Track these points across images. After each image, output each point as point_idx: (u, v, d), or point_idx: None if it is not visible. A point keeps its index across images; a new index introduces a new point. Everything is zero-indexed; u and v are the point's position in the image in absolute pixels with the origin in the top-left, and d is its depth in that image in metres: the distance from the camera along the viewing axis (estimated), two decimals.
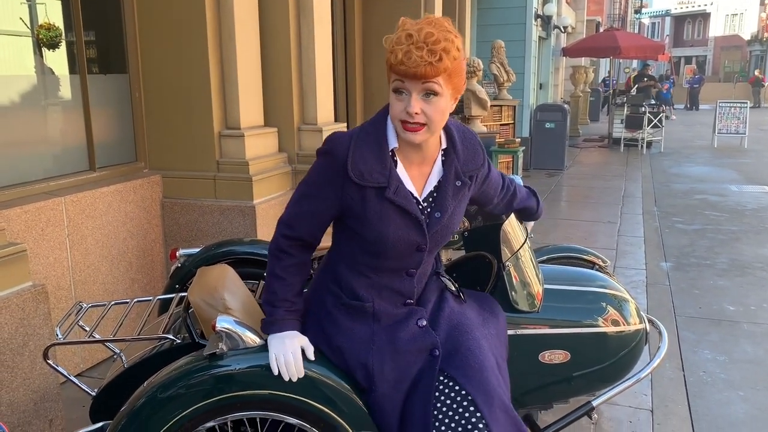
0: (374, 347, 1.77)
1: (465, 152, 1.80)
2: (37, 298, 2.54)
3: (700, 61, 53.26)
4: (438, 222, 1.75)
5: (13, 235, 3.06)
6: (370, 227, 1.69)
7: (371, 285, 1.79)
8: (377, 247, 1.72)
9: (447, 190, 1.76)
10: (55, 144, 3.64)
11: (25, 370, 2.50)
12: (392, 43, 1.58)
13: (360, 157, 1.67)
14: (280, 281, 1.80)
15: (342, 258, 1.83)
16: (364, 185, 1.67)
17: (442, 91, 1.59)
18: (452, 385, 1.74)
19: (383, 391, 1.76)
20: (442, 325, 1.84)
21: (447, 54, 1.55)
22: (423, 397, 1.73)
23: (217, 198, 4.04)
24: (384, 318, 1.80)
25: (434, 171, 1.77)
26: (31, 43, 3.49)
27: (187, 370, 1.78)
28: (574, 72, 18.29)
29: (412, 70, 1.54)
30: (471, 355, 1.78)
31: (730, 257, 6.02)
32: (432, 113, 1.60)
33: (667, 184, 10.04)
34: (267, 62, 4.34)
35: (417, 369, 1.78)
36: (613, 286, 2.40)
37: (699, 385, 3.56)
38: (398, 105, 1.61)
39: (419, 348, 1.79)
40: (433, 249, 1.81)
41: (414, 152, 1.72)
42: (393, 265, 1.78)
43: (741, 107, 14.67)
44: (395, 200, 1.68)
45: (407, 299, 1.84)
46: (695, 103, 29.01)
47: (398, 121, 1.63)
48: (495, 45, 9.50)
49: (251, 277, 2.87)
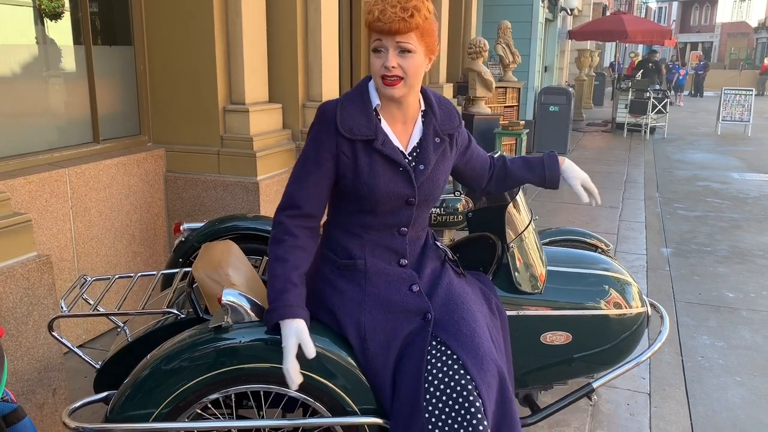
0: (366, 307, 1.82)
1: (442, 114, 1.95)
2: (42, 269, 2.54)
3: (706, 47, 52.85)
4: (422, 173, 1.86)
5: (17, 206, 3.06)
6: (362, 181, 1.80)
7: (364, 244, 1.87)
8: (370, 201, 1.81)
9: (428, 145, 1.89)
10: (59, 115, 3.63)
11: (29, 340, 2.51)
12: (370, 5, 1.75)
13: (348, 115, 1.81)
14: (283, 263, 1.77)
15: (335, 222, 1.92)
16: (354, 139, 1.80)
17: (416, 48, 1.74)
18: (444, 349, 1.79)
19: (374, 350, 1.80)
20: (439, 293, 1.90)
21: (418, 12, 1.71)
22: (415, 357, 1.77)
23: (221, 173, 4.03)
24: (376, 277, 1.85)
25: (416, 129, 1.90)
26: (34, 13, 3.46)
27: (192, 343, 1.79)
28: (579, 55, 18.16)
29: (387, 25, 1.70)
30: (464, 323, 1.83)
31: (730, 244, 6.03)
32: (407, 67, 1.74)
33: (669, 170, 10.02)
34: (273, 38, 4.30)
35: (408, 330, 1.82)
36: (616, 269, 2.41)
37: (697, 369, 3.59)
38: (377, 62, 1.76)
39: (411, 311, 1.84)
40: (422, 204, 1.89)
41: (396, 109, 1.86)
42: (385, 221, 1.86)
43: (746, 95, 14.59)
44: (383, 150, 1.81)
45: (401, 258, 1.90)
46: (700, 90, 28.85)
47: (378, 78, 1.77)
48: (501, 26, 9.42)
49: (255, 253, 2.87)
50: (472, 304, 1.92)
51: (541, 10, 12.30)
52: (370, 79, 1.88)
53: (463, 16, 9.21)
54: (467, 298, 1.92)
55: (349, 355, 1.82)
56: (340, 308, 1.84)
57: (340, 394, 1.81)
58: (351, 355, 1.82)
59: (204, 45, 3.90)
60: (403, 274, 1.89)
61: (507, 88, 9.57)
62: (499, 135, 8.04)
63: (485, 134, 7.85)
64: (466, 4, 9.15)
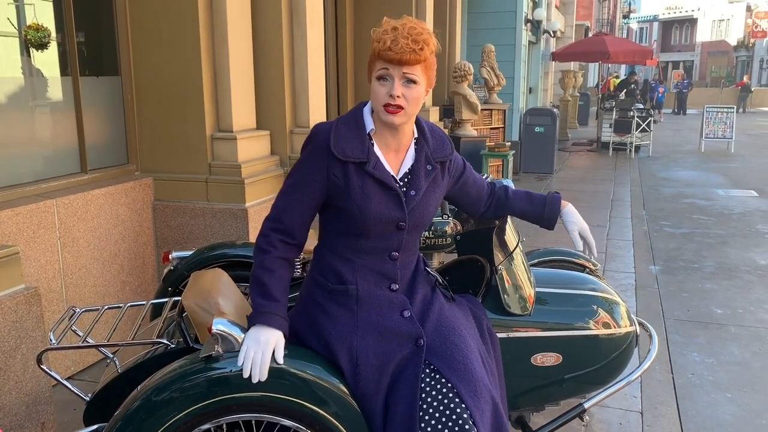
0: (359, 332, 1.83)
1: (434, 142, 1.97)
2: (30, 301, 2.53)
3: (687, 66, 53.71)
4: (413, 199, 1.88)
5: (5, 238, 3.04)
6: (353, 203, 1.81)
7: (355, 268, 1.87)
8: (360, 224, 1.83)
9: (419, 172, 1.91)
10: (46, 146, 3.63)
11: (17, 373, 2.49)
12: (379, 34, 1.78)
13: (341, 136, 1.83)
14: (269, 273, 1.81)
15: (327, 246, 1.92)
16: (346, 161, 1.81)
17: (420, 80, 1.78)
18: (438, 377, 1.79)
19: (366, 375, 1.80)
20: (431, 319, 1.90)
21: (427, 46, 1.76)
22: (409, 384, 1.77)
23: (209, 201, 4.04)
24: (367, 301, 1.86)
25: (407, 156, 1.93)
26: (20, 44, 3.48)
27: (183, 373, 1.78)
28: (563, 76, 18.40)
29: (398, 56, 1.72)
30: (456, 350, 1.84)
31: (717, 261, 6.09)
32: (410, 98, 1.78)
33: (655, 188, 10.12)
34: (259, 65, 4.34)
35: (401, 356, 1.82)
36: (604, 289, 2.43)
37: (688, 387, 3.60)
38: (382, 90, 1.78)
39: (403, 336, 1.84)
40: (412, 229, 1.90)
41: (390, 137, 1.88)
42: (376, 245, 1.87)
43: (728, 112, 14.83)
44: (374, 174, 1.82)
45: (392, 283, 1.90)
46: (683, 108, 29.27)
47: (381, 105, 1.79)
48: (485, 49, 9.55)
49: (244, 280, 2.87)
50: (464, 330, 1.92)
51: (524, 32, 12.49)
52: (364, 104, 1.91)
53: (448, 41, 9.33)
54: (458, 324, 1.93)
55: (341, 381, 1.81)
56: (332, 333, 1.84)
57: (332, 422, 1.80)
58: (342, 382, 1.82)
59: (191, 73, 3.93)
60: (395, 299, 1.89)
61: (492, 110, 9.68)
62: (485, 156, 8.10)
63: (472, 156, 7.91)
64: (450, 29, 9.27)
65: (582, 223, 2.22)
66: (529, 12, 13.28)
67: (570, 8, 20.74)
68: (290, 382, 1.76)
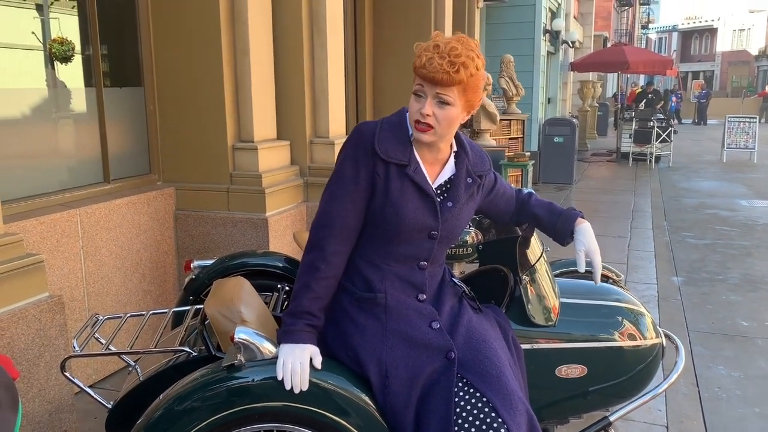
0: (387, 342, 1.80)
1: (474, 156, 1.98)
2: (53, 309, 2.55)
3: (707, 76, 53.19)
4: (449, 210, 1.87)
5: (29, 247, 3.07)
6: (391, 204, 1.80)
7: (384, 276, 1.86)
8: (394, 227, 1.81)
9: (460, 184, 1.91)
10: (70, 156, 3.67)
11: (41, 381, 2.50)
12: (421, 49, 1.76)
13: (385, 137, 1.83)
14: (309, 293, 1.80)
15: (356, 251, 1.89)
16: (389, 161, 1.81)
17: (455, 102, 1.76)
18: (472, 391, 1.76)
19: (397, 388, 1.77)
20: (460, 331, 1.87)
21: (465, 68, 1.72)
22: (442, 399, 1.74)
23: (230, 210, 4.05)
24: (396, 311, 1.83)
25: (446, 169, 1.92)
26: (45, 57, 3.53)
27: (205, 382, 1.78)
28: (582, 86, 18.32)
29: (431, 75, 1.71)
30: (489, 363, 1.80)
31: (742, 272, 5.99)
32: (441, 118, 1.76)
33: (676, 199, 10.01)
34: (280, 76, 4.37)
35: (431, 369, 1.79)
36: (629, 300, 2.39)
37: (714, 401, 3.53)
38: (415, 105, 1.79)
39: (433, 347, 1.81)
40: (443, 239, 1.89)
41: (426, 151, 1.88)
42: (405, 252, 1.86)
43: (750, 122, 14.64)
44: (414, 178, 1.82)
45: (419, 293, 1.88)
46: (703, 118, 28.99)
47: (413, 120, 1.80)
48: (504, 59, 9.53)
49: (265, 289, 2.87)
50: (494, 341, 1.89)
51: (543, 43, 12.47)
52: (407, 109, 1.89)
53: None
54: (488, 336, 1.89)
55: (365, 393, 1.79)
56: (361, 344, 1.81)
57: None
58: (367, 393, 1.79)
59: (213, 84, 3.96)
60: (423, 309, 1.87)
61: (511, 120, 9.64)
62: (504, 167, 8.06)
63: None
64: None
65: (592, 244, 2.12)
66: (548, 22, 13.25)
67: (588, 19, 20.67)
68: (312, 392, 1.75)
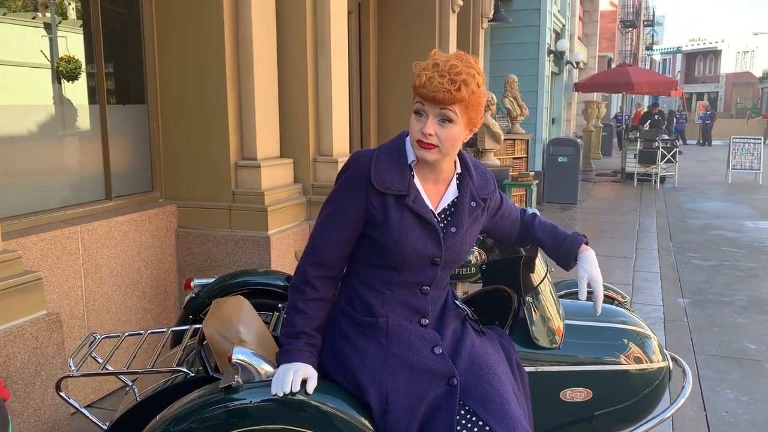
0: (388, 368, 1.77)
1: (478, 178, 1.94)
2: (51, 327, 2.52)
3: (711, 97, 53.36)
4: (453, 236, 1.83)
5: (29, 263, 3.05)
6: (391, 236, 1.77)
7: (385, 301, 1.83)
8: (395, 257, 1.78)
9: (464, 209, 1.87)
10: (72, 173, 3.67)
11: (37, 401, 2.47)
12: (420, 69, 1.73)
13: (382, 167, 1.79)
14: (300, 314, 1.80)
15: (356, 275, 1.87)
16: (386, 193, 1.77)
17: (457, 120, 1.73)
18: (474, 419, 1.72)
19: (397, 414, 1.73)
20: (463, 356, 1.83)
21: (466, 86, 1.69)
22: (445, 427, 1.70)
23: (232, 228, 4.03)
24: (398, 335, 1.80)
25: (449, 191, 1.88)
26: (52, 75, 3.54)
27: (202, 404, 1.74)
28: (586, 107, 18.36)
29: (432, 94, 1.68)
30: (492, 389, 1.76)
31: (748, 294, 5.92)
32: (444, 137, 1.73)
33: (682, 220, 9.96)
34: (284, 94, 4.37)
35: (433, 395, 1.75)
36: (635, 322, 2.35)
37: (722, 426, 3.46)
38: (416, 125, 1.75)
39: (435, 373, 1.77)
40: (446, 265, 1.85)
41: (429, 171, 1.84)
42: (408, 279, 1.82)
43: (755, 143, 14.62)
44: (414, 208, 1.78)
45: (422, 317, 1.85)
46: (708, 139, 29.01)
47: (415, 140, 1.76)
48: (508, 80, 9.57)
49: (266, 309, 2.83)
50: (497, 367, 1.85)
51: (547, 63, 12.51)
52: (407, 134, 1.86)
53: None
54: (492, 362, 1.85)
55: (364, 416, 1.76)
56: (361, 369, 1.78)
57: None
58: (366, 417, 1.76)
59: (216, 102, 3.96)
60: (426, 334, 1.83)
61: (515, 140, 9.65)
62: (509, 186, 8.05)
63: None
64: None
65: (595, 273, 2.07)
66: (552, 43, 13.31)
67: (593, 40, 20.79)
68: (310, 415, 1.72)
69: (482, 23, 9.36)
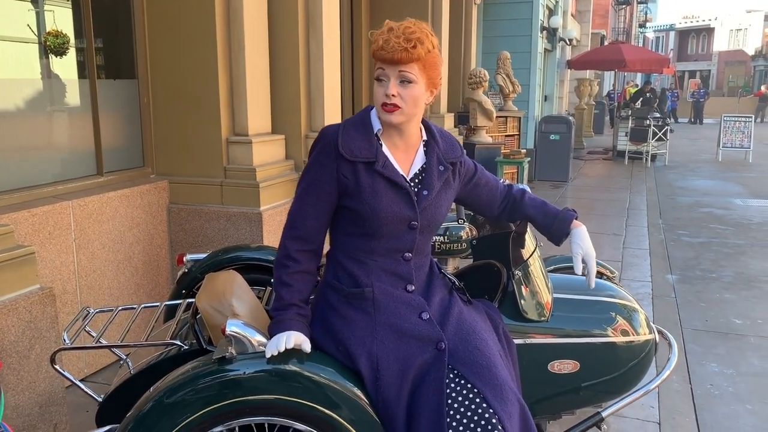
0: (377, 335, 1.81)
1: (444, 144, 1.99)
2: (44, 301, 2.53)
3: (704, 75, 53.35)
4: (426, 199, 1.88)
5: (21, 238, 3.05)
6: (364, 203, 1.82)
7: (369, 270, 1.87)
8: (372, 223, 1.83)
9: (433, 172, 1.92)
10: (63, 148, 3.65)
11: (31, 374, 2.49)
12: (376, 35, 1.82)
13: (349, 137, 1.85)
14: (286, 287, 1.85)
15: (339, 248, 1.92)
16: (355, 161, 1.82)
17: (417, 80, 1.79)
18: (463, 382, 1.76)
19: (388, 380, 1.77)
20: (450, 322, 1.88)
21: (421, 44, 1.76)
22: (434, 390, 1.74)
23: (224, 204, 4.04)
24: (384, 303, 1.84)
25: (417, 157, 1.94)
26: (40, 50, 3.50)
27: (195, 375, 1.77)
28: (578, 84, 18.33)
29: (390, 54, 1.75)
30: (479, 353, 1.81)
31: (736, 270, 6.00)
32: (407, 97, 1.79)
33: (671, 197, 10.02)
34: (275, 70, 4.35)
35: (422, 360, 1.79)
36: (623, 296, 2.38)
37: (706, 397, 3.54)
38: (379, 90, 1.81)
39: (423, 339, 1.82)
40: (424, 229, 1.90)
41: (397, 137, 1.89)
42: (388, 246, 1.87)
43: (746, 121, 14.67)
44: (384, 172, 1.83)
45: (407, 284, 1.90)
46: (699, 117, 29.05)
47: (380, 105, 1.82)
48: (501, 56, 9.53)
49: (258, 284, 2.85)
50: (484, 333, 1.90)
51: (540, 40, 12.45)
52: (372, 108, 1.92)
53: (463, 48, 9.32)
54: (478, 327, 1.90)
55: (357, 386, 1.79)
56: (350, 338, 1.82)
57: (346, 426, 1.77)
58: (359, 387, 1.79)
59: (207, 77, 3.94)
60: (412, 300, 1.87)
61: (507, 117, 9.64)
62: (500, 163, 8.07)
63: (487, 163, 7.88)
64: (465, 36, 9.26)
65: (589, 248, 2.12)
66: (545, 20, 13.24)
67: (586, 17, 20.67)
68: (303, 385, 1.75)
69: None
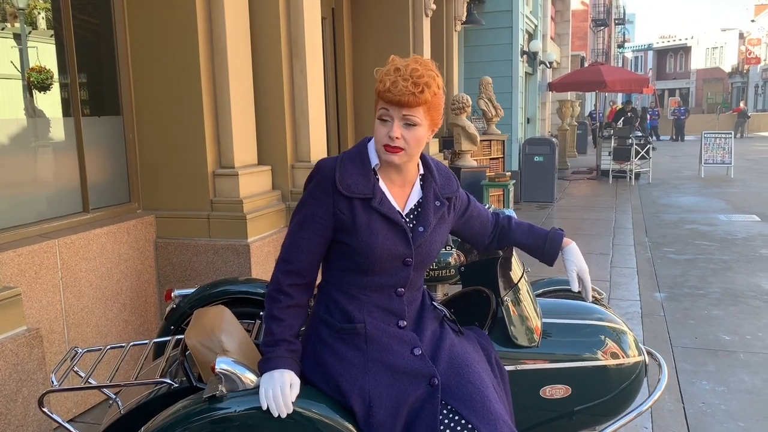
0: (369, 372, 1.79)
1: (441, 178, 1.99)
2: (32, 343, 2.51)
3: (683, 93, 54.24)
4: (421, 236, 1.87)
5: (7, 279, 3.03)
6: (360, 239, 1.81)
7: (362, 306, 1.86)
8: (367, 260, 1.81)
9: (429, 208, 1.92)
10: (48, 186, 3.64)
11: (19, 417, 2.45)
12: (382, 74, 1.79)
13: (346, 173, 1.83)
14: (277, 322, 1.83)
15: (332, 282, 1.90)
16: (352, 197, 1.81)
17: (421, 122, 1.78)
18: (457, 418, 1.75)
19: (381, 417, 1.75)
20: (442, 356, 1.86)
21: (428, 88, 1.76)
22: (428, 427, 1.73)
23: (211, 237, 4.03)
24: (376, 339, 1.83)
25: (413, 192, 1.94)
26: (23, 86, 3.51)
27: (186, 414, 1.75)
28: (560, 106, 18.57)
29: (397, 98, 1.74)
30: (473, 388, 1.79)
31: (723, 287, 6.05)
32: (410, 140, 1.79)
33: (657, 215, 10.11)
34: (260, 100, 4.38)
35: (415, 397, 1.78)
36: (611, 319, 2.40)
37: (699, 416, 3.54)
38: (382, 130, 1.80)
39: (415, 374, 1.80)
40: (418, 265, 1.89)
41: (395, 173, 1.89)
42: (382, 281, 1.86)
43: (726, 138, 14.90)
44: (380, 209, 1.82)
45: (399, 319, 1.88)
46: (681, 134, 29.46)
47: (381, 145, 1.81)
48: (483, 81, 9.65)
49: (247, 317, 2.85)
50: (477, 365, 1.88)
51: (521, 64, 12.64)
52: (369, 139, 1.91)
53: (445, 74, 9.43)
54: (471, 360, 1.89)
55: (349, 422, 1.78)
56: (342, 374, 1.80)
57: None
58: (351, 423, 1.78)
59: (192, 111, 3.96)
60: (404, 336, 1.86)
61: (491, 140, 9.73)
62: (486, 186, 8.12)
63: (472, 186, 7.93)
64: (447, 62, 9.37)
65: (582, 264, 2.20)
66: (525, 44, 13.45)
67: (565, 39, 21.03)
68: (295, 421, 1.73)
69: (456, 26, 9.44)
